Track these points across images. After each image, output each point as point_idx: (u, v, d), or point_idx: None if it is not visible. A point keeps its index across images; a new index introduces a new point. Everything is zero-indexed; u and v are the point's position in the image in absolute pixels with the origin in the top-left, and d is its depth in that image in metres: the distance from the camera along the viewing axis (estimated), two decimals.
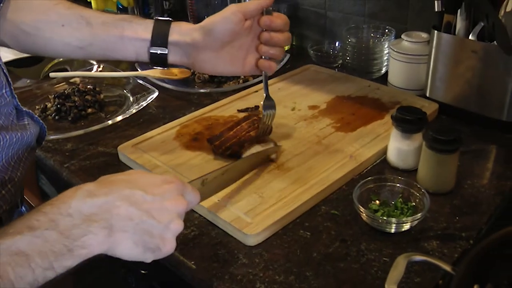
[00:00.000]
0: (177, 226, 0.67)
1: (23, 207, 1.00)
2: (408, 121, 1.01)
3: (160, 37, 0.92)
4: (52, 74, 1.58)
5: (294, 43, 1.76)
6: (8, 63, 1.60)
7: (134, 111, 1.35)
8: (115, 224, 0.63)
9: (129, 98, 1.45)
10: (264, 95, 1.03)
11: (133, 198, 0.65)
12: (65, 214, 0.60)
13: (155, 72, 1.49)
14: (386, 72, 1.42)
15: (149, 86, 1.43)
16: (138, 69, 1.51)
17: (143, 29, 0.92)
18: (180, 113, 1.33)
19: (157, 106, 1.40)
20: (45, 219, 0.59)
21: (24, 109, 0.89)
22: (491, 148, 1.14)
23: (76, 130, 1.28)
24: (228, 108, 1.30)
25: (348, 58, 1.47)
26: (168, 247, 0.66)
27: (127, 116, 1.33)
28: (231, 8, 0.91)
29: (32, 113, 0.91)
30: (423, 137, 0.98)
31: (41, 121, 0.93)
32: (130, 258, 0.66)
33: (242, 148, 1.08)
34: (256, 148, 1.07)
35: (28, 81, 1.62)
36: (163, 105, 1.40)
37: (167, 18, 0.95)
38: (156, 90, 1.40)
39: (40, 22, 0.93)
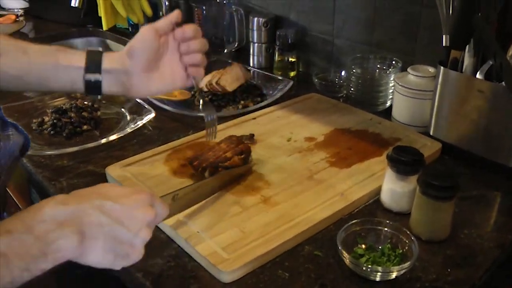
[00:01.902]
0: (146, 234, 0.71)
1: (5, 214, 1.01)
2: (404, 162, 0.96)
3: (93, 64, 0.94)
4: None
5: (300, 69, 1.72)
6: None
7: (129, 130, 1.32)
8: (86, 231, 0.66)
9: (126, 117, 1.42)
10: (201, 101, 1.12)
11: (103, 207, 0.69)
12: (40, 220, 0.64)
13: None
14: (391, 105, 1.36)
15: (147, 106, 1.40)
16: None
17: (77, 57, 0.94)
18: (174, 136, 1.29)
19: (153, 127, 1.36)
20: (22, 224, 0.63)
21: (8, 120, 0.91)
22: (495, 195, 1.08)
23: (70, 146, 1.26)
24: (223, 135, 1.25)
25: (352, 89, 1.42)
26: (136, 254, 0.71)
27: (122, 135, 1.30)
28: (144, 28, 0.95)
29: (16, 124, 0.93)
30: (417, 181, 0.92)
31: (25, 132, 0.94)
32: (100, 266, 0.69)
33: (218, 169, 1.06)
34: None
35: (31, 93, 1.60)
36: (159, 126, 1.37)
37: (98, 49, 0.97)
38: (153, 111, 1.37)
39: None
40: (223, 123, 1.32)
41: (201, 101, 1.10)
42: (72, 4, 1.84)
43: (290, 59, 1.64)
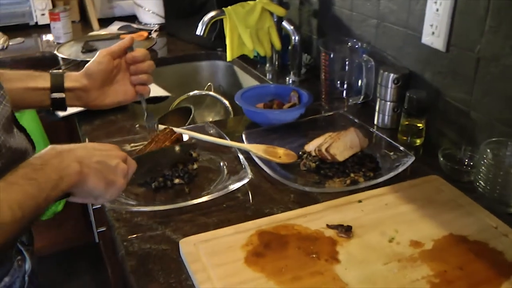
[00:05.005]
0: (124, 167, 0.95)
1: None
2: None
3: (57, 85, 1.15)
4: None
5: (427, 137, 1.48)
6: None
7: (221, 193, 1.20)
8: (82, 161, 0.88)
9: (224, 172, 1.32)
10: (145, 114, 1.28)
11: (85, 148, 0.93)
12: (49, 156, 0.87)
13: (258, 149, 1.35)
14: None
15: (246, 167, 1.27)
16: (244, 141, 1.40)
17: (43, 81, 1.15)
18: (267, 208, 1.17)
19: (245, 193, 1.24)
20: (38, 161, 0.86)
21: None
22: None
23: (154, 202, 1.22)
24: (318, 219, 1.09)
25: (480, 180, 1.18)
26: (120, 183, 0.93)
27: (212, 198, 1.19)
28: (101, 53, 1.18)
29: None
30: None
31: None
32: (96, 193, 0.91)
33: None
34: None
35: (138, 125, 1.60)
36: (254, 191, 1.25)
37: (60, 71, 1.18)
38: (250, 175, 1.24)
39: None
40: (323, 202, 1.17)
41: (145, 113, 1.27)
42: (198, 33, 1.78)
43: (418, 124, 1.43)
